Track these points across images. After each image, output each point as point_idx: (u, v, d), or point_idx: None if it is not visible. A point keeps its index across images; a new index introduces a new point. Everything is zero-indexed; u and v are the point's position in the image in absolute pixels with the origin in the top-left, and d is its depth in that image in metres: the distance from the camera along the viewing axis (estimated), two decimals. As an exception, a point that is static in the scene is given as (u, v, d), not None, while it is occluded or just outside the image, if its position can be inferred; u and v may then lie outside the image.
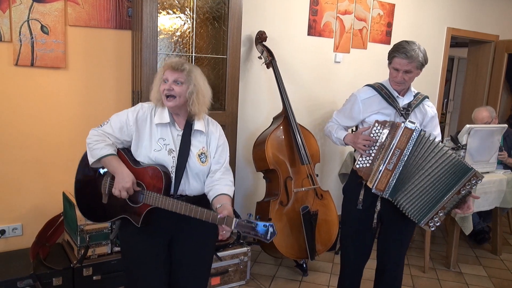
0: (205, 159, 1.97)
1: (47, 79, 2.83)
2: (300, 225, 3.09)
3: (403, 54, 2.14)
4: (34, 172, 2.89)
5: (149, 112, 1.93)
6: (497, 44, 5.28)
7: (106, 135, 1.90)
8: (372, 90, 2.34)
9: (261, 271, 3.29)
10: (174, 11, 2.98)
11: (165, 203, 1.81)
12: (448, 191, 2.03)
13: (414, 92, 2.34)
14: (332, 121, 2.53)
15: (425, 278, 3.34)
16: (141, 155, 1.89)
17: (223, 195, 1.91)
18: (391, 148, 2.09)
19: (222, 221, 1.74)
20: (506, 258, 3.81)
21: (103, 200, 1.92)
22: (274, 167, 3.10)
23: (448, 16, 4.77)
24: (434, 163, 2.04)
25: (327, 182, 4.20)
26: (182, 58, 1.95)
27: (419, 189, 2.07)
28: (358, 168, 2.21)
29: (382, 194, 2.12)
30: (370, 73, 4.27)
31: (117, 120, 1.91)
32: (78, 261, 2.61)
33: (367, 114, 2.31)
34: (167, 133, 1.92)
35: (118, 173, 1.82)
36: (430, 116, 2.33)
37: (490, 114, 3.77)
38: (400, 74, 2.20)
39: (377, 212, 2.25)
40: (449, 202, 2.04)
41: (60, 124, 2.92)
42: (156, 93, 1.92)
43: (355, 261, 2.39)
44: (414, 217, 2.09)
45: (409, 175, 2.09)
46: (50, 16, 2.77)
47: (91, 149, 1.85)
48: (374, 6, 4.18)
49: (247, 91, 3.61)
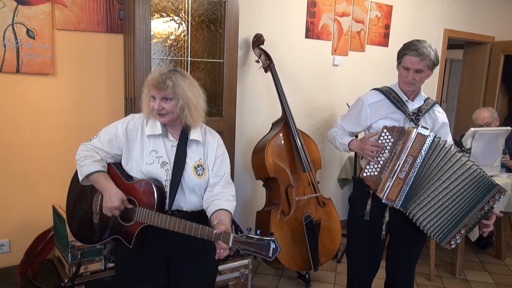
0: (202, 172, 1.75)
1: (34, 86, 2.59)
2: (302, 235, 2.87)
3: (414, 51, 1.95)
4: (21, 185, 2.64)
5: (140, 123, 1.75)
6: (493, 45, 5.11)
7: (94, 150, 1.74)
8: (380, 94, 2.14)
9: (262, 283, 3.06)
10: (168, 13, 2.75)
11: (158, 221, 1.61)
12: (472, 208, 1.80)
13: (424, 97, 2.14)
14: (337, 126, 2.32)
15: (431, 286, 3.14)
16: (132, 169, 1.72)
17: (222, 210, 1.69)
18: (404, 155, 1.88)
19: (218, 238, 1.53)
20: (510, 263, 3.62)
21: (94, 219, 1.75)
22: (275, 175, 2.88)
23: (445, 17, 4.59)
24: (453, 174, 1.82)
25: (326, 188, 3.98)
26: (164, 70, 1.71)
27: (438, 205, 1.84)
28: (365, 176, 2.00)
29: (394, 204, 1.90)
30: (369, 76, 4.08)
31: (106, 133, 1.75)
32: (70, 279, 2.38)
33: (375, 119, 2.11)
34: (160, 145, 1.73)
35: (105, 192, 1.66)
36: (441, 123, 2.12)
37: (491, 115, 3.58)
38: (410, 74, 1.99)
39: (385, 223, 2.05)
40: (471, 219, 1.82)
41: (49, 134, 2.67)
42: (147, 108, 1.74)
43: (363, 275, 2.18)
44: (435, 237, 1.86)
45: (423, 185, 1.88)
46: (36, 20, 2.53)
47: (79, 165, 1.71)
48: (372, 8, 3.98)
49: (245, 96, 3.39)
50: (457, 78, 6.90)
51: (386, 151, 1.96)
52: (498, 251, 3.70)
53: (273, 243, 1.49)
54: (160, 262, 1.76)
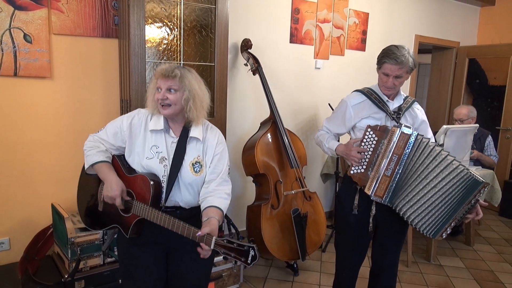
0: (199, 169, 1.70)
1: (31, 89, 2.52)
2: (291, 228, 2.89)
3: (394, 60, 1.95)
4: (21, 185, 2.57)
5: (144, 118, 1.72)
6: (459, 50, 5.26)
7: (100, 141, 1.74)
8: (361, 95, 2.15)
9: (253, 273, 3.07)
10: (161, 19, 2.73)
11: (151, 215, 1.59)
12: (461, 204, 1.80)
13: (403, 96, 2.17)
14: (323, 129, 2.29)
15: (409, 272, 3.21)
16: (134, 162, 1.69)
17: (213, 207, 1.63)
18: (389, 153, 1.89)
19: (201, 240, 1.47)
20: (479, 248, 3.74)
21: (98, 207, 1.77)
22: (264, 171, 2.90)
23: (415, 24, 4.69)
24: (440, 174, 1.82)
25: (310, 183, 4.02)
26: (174, 63, 1.70)
27: (428, 204, 1.85)
28: (352, 174, 2.01)
29: (382, 200, 1.92)
30: (348, 79, 4.13)
31: (112, 126, 1.74)
32: (70, 275, 2.33)
33: (358, 119, 2.11)
34: (161, 141, 1.68)
35: (107, 181, 1.66)
36: (421, 120, 2.15)
37: (468, 113, 3.66)
38: (390, 79, 2.01)
39: (372, 216, 2.07)
40: (460, 213, 1.83)
41: (47, 135, 2.61)
42: (152, 102, 1.70)
43: (352, 265, 2.20)
44: (428, 233, 1.87)
45: (409, 182, 1.89)
46: (33, 25, 2.47)
47: (86, 155, 1.73)
48: (350, 15, 4.03)
49: (234, 97, 3.39)
50: (425, 81, 7.07)
51: (371, 149, 1.97)
52: (468, 238, 3.81)
53: (252, 250, 1.42)
54: (159, 252, 1.73)
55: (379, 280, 2.24)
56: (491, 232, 4.21)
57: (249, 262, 1.42)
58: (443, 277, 3.15)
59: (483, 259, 3.52)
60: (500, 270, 3.32)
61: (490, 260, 3.50)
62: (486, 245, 3.84)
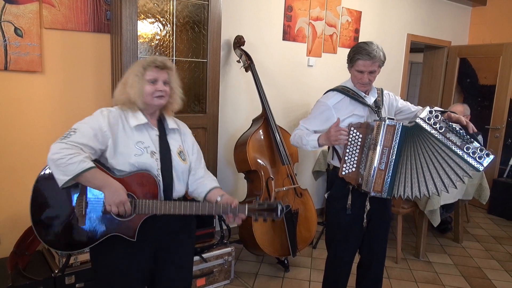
0: (184, 157, 1.72)
1: (22, 83, 2.50)
2: (282, 224, 2.90)
3: (367, 55, 1.97)
4: (10, 180, 2.55)
5: (119, 115, 1.61)
6: (450, 49, 5.30)
7: (78, 147, 1.48)
8: (339, 93, 2.12)
9: (244, 269, 3.08)
10: (153, 15, 2.72)
11: (164, 208, 1.56)
12: (444, 144, 1.84)
13: (375, 89, 2.18)
14: (300, 128, 2.23)
15: (398, 268, 3.24)
16: (119, 163, 1.56)
17: (217, 188, 1.75)
18: (379, 148, 1.89)
19: (235, 211, 1.60)
20: (467, 245, 3.78)
21: (79, 223, 1.53)
22: (256, 168, 2.90)
23: (408, 23, 4.72)
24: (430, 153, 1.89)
25: (301, 180, 4.03)
26: (158, 55, 1.70)
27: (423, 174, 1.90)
28: (344, 175, 2.01)
29: (381, 194, 1.92)
30: (340, 76, 4.10)
31: (88, 128, 1.53)
32: (60, 270, 2.32)
33: (342, 118, 2.06)
34: (145, 135, 1.63)
35: (108, 187, 1.48)
36: (394, 98, 2.23)
37: (464, 111, 3.69)
38: (365, 76, 2.02)
39: (366, 211, 2.09)
40: (456, 140, 1.85)
41: (37, 130, 2.59)
42: (138, 94, 1.59)
43: (347, 262, 2.22)
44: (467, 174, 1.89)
45: (403, 169, 1.91)
46: (24, 18, 2.44)
47: (65, 164, 1.43)
48: (343, 13, 4.04)
49: (227, 94, 3.39)
50: (417, 79, 7.11)
51: (357, 146, 1.98)
52: (456, 235, 3.85)
53: (279, 204, 1.62)
54: (149, 253, 1.67)
55: (369, 272, 2.26)
56: (479, 229, 4.26)
57: (279, 215, 1.62)
58: (431, 273, 3.18)
59: (471, 256, 3.57)
60: (488, 267, 3.36)
61: (478, 257, 3.55)
62: (474, 242, 3.88)
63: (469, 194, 3.57)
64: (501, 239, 4.01)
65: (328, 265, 2.30)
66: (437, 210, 3.18)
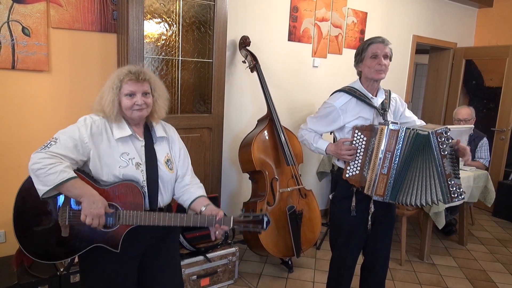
0: (171, 166, 1.69)
1: (29, 82, 2.52)
2: (286, 225, 2.90)
3: (379, 38, 2.01)
4: (17, 178, 2.53)
5: (103, 126, 1.57)
6: (456, 51, 5.27)
7: (58, 157, 1.45)
8: (346, 94, 2.10)
9: (248, 269, 3.08)
10: (160, 15, 2.72)
11: (148, 219, 1.53)
12: (436, 165, 1.80)
13: (383, 90, 2.15)
14: (307, 129, 2.23)
15: (402, 270, 3.22)
16: (103, 174, 1.53)
17: (202, 197, 1.72)
18: (381, 152, 1.88)
19: (220, 222, 1.58)
20: (471, 248, 3.76)
21: (62, 233, 1.49)
22: (261, 168, 2.90)
23: (413, 24, 4.70)
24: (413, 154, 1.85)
25: (305, 180, 4.03)
26: (132, 65, 1.67)
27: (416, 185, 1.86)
28: (348, 177, 2.02)
29: (383, 199, 1.91)
30: (345, 77, 4.12)
31: (68, 138, 1.49)
32: (65, 268, 2.33)
33: (348, 119, 2.07)
34: (130, 147, 1.59)
35: (87, 197, 1.44)
36: (401, 104, 2.20)
37: (471, 114, 3.68)
38: (381, 59, 1.98)
39: (371, 214, 2.07)
40: (447, 167, 1.81)
41: (44, 129, 2.61)
42: (113, 108, 1.55)
43: (351, 263, 2.21)
44: (438, 201, 1.84)
45: (406, 173, 1.88)
46: (31, 18, 2.45)
47: (45, 174, 1.40)
48: (348, 14, 4.03)
49: (232, 94, 3.39)
50: (422, 81, 7.08)
51: (362, 149, 1.98)
52: (461, 237, 3.82)
53: (265, 216, 1.59)
54: (135, 264, 1.66)
55: (372, 273, 2.25)
56: (484, 232, 4.23)
57: (265, 228, 1.59)
58: (435, 276, 3.16)
59: (476, 258, 3.54)
60: (493, 269, 3.34)
61: (482, 259, 3.53)
62: (479, 245, 3.86)
63: (475, 197, 3.55)
64: (506, 241, 3.98)
65: (332, 266, 2.30)
66: (442, 212, 3.17)
